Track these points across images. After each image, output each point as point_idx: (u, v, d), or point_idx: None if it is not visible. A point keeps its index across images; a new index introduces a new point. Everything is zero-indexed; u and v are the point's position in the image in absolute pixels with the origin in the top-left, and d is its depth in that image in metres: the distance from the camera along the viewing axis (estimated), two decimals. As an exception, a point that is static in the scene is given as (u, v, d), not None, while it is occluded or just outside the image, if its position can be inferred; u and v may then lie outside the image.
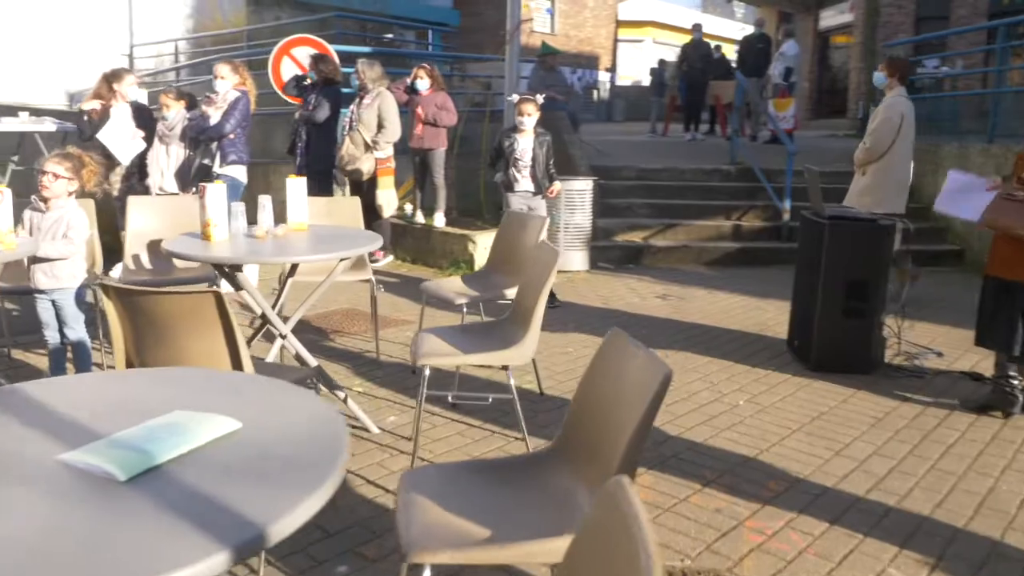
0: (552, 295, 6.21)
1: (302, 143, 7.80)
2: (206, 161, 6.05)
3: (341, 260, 3.57)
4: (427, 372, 3.22)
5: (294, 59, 8.53)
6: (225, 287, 3.66)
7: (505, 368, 3.25)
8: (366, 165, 7.28)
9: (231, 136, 6.00)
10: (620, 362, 2.01)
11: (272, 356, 3.71)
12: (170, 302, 2.33)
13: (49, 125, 7.78)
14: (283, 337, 3.46)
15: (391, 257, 7.69)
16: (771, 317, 5.95)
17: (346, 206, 4.76)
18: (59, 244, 3.54)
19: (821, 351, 4.72)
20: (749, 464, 3.44)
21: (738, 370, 4.74)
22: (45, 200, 3.57)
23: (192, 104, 6.37)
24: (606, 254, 8.05)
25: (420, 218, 7.78)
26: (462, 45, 18.83)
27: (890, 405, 4.19)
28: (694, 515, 2.98)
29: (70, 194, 3.60)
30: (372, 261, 7.45)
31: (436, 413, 3.88)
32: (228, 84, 6.06)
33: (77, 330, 3.73)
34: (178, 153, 6.17)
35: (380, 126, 7.23)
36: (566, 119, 10.25)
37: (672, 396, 4.15)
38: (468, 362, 3.51)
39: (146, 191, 6.25)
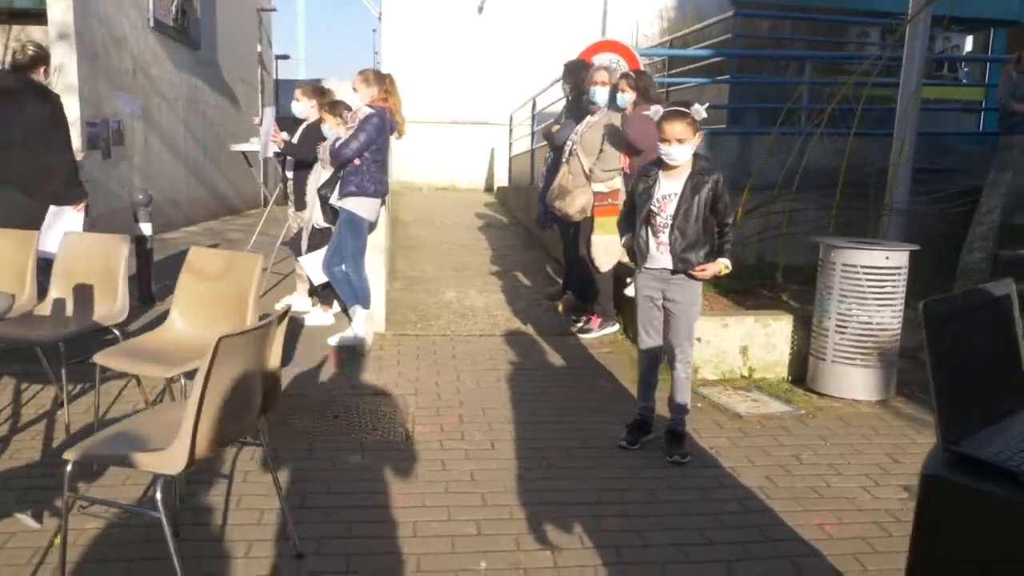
0: (676, 436, 3.75)
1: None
2: (324, 191, 5.22)
3: None
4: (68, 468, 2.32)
5: (593, 69, 7.04)
6: None
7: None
8: (579, 201, 5.55)
9: (356, 162, 5.05)
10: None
11: None
12: None
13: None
14: None
15: (616, 326, 5.74)
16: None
17: (245, 264, 3.42)
18: None
19: None
20: None
21: None
22: None
23: None
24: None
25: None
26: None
27: None
28: None
29: None
30: (584, 331, 5.71)
31: None
32: (362, 98, 5.11)
33: None
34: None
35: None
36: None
37: None
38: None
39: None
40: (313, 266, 5.41)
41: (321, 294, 5.74)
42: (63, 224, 4.75)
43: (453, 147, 14.53)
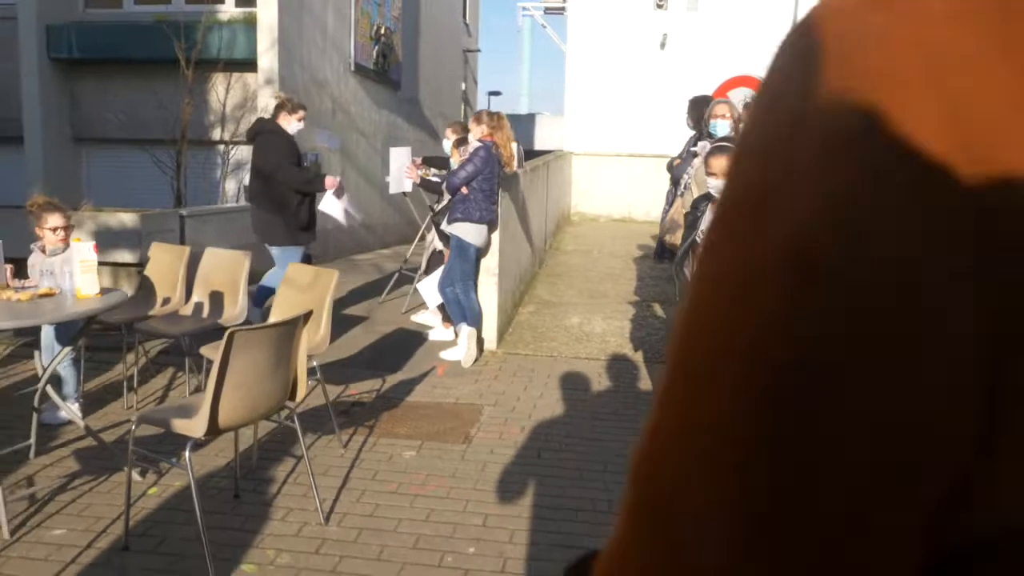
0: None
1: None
2: (437, 218, 5.77)
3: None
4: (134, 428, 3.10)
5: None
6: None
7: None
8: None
9: (464, 191, 5.57)
10: None
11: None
12: None
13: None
14: None
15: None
16: None
17: (326, 279, 3.98)
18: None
19: None
20: None
21: None
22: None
23: None
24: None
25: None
26: None
27: None
28: None
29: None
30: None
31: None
32: (474, 135, 5.64)
33: None
34: (452, 208, 6.02)
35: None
36: None
37: None
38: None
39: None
40: (428, 289, 5.98)
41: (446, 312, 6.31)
42: None
43: (632, 179, 14.77)
